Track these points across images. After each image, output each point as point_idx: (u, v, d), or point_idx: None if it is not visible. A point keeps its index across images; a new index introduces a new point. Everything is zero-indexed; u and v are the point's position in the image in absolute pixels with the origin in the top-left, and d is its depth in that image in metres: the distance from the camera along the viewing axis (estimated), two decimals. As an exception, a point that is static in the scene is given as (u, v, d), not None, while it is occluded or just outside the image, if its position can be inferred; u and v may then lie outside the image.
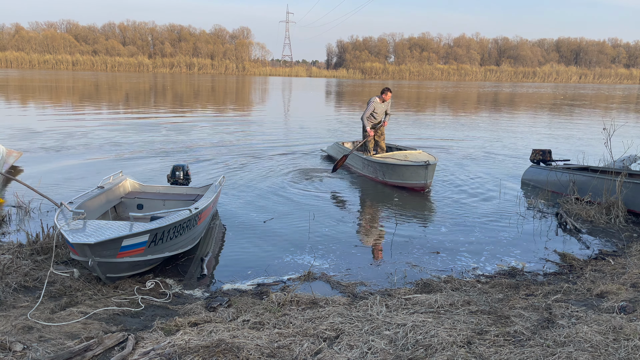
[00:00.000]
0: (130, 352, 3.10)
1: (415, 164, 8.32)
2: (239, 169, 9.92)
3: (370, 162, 9.25)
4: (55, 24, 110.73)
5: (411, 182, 8.47)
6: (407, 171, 8.44)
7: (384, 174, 8.90)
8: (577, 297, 4.15)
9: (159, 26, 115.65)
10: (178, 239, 4.86)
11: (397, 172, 8.61)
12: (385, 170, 8.81)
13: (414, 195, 8.26)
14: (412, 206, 7.68)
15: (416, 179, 8.37)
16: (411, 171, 8.37)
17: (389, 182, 8.88)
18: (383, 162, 8.82)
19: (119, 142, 12.76)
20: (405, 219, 6.99)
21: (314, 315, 3.67)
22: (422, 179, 8.31)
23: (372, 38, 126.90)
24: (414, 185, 8.47)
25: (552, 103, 37.00)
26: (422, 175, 8.27)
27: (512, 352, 2.98)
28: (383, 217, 7.18)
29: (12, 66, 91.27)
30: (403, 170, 8.49)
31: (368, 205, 7.92)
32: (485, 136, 16.14)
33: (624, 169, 7.77)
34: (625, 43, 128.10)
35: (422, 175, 8.27)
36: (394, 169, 8.64)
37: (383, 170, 8.87)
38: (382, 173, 8.92)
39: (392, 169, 8.67)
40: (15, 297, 4.00)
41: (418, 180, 8.37)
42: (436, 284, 4.57)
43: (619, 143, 9.04)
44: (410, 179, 8.46)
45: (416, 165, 8.27)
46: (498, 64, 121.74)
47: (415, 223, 6.82)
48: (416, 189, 8.48)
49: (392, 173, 8.71)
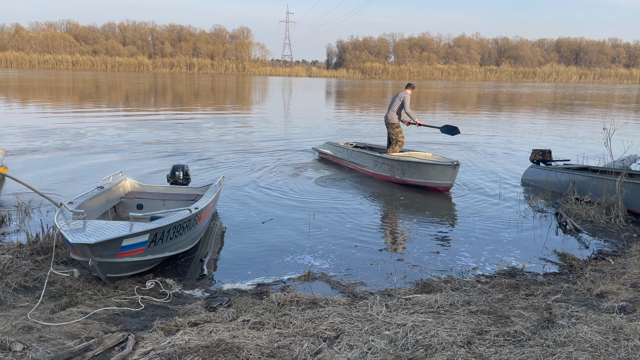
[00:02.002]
0: (130, 352, 3.10)
1: (443, 163, 8.10)
2: (239, 169, 9.92)
3: (386, 160, 8.96)
4: (55, 24, 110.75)
5: (436, 181, 8.24)
6: (433, 170, 8.19)
7: (403, 172, 8.60)
8: (577, 297, 4.15)
9: (159, 26, 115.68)
10: (178, 239, 4.86)
11: (421, 171, 8.34)
12: (407, 168, 8.52)
13: (414, 196, 8.26)
14: (412, 206, 7.68)
15: (442, 178, 8.16)
16: (438, 170, 8.14)
17: (408, 181, 8.62)
18: (405, 160, 8.52)
19: (119, 142, 12.76)
20: (406, 219, 6.99)
21: (314, 315, 3.67)
22: (449, 179, 8.12)
23: (372, 38, 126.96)
24: (439, 186, 8.25)
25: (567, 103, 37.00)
26: (450, 175, 8.07)
27: (512, 352, 2.98)
28: (383, 217, 7.18)
29: (12, 66, 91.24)
30: (429, 169, 8.23)
31: (368, 205, 7.91)
32: (485, 136, 16.14)
33: (624, 169, 7.77)
34: (625, 43, 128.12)
35: (449, 175, 8.07)
36: (417, 168, 8.37)
37: (403, 168, 8.57)
38: (402, 172, 8.63)
39: (416, 168, 8.38)
40: (15, 297, 3.99)
41: (444, 180, 8.16)
42: (436, 284, 4.57)
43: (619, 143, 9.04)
44: (436, 179, 8.23)
45: (444, 165, 8.05)
46: (498, 64, 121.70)
47: (415, 223, 6.82)
48: (440, 189, 8.29)
49: (415, 172, 8.43)
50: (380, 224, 6.84)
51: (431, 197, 8.19)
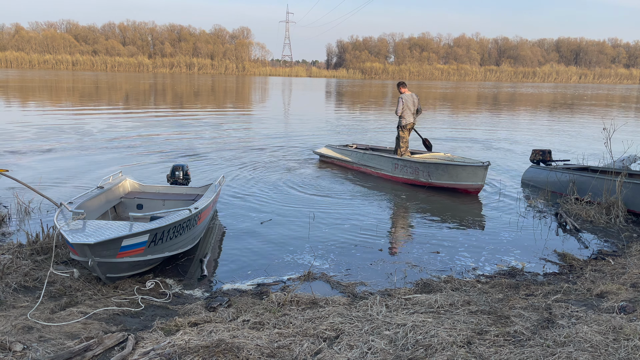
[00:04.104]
0: (130, 352, 3.10)
1: (473, 164, 7.96)
2: (239, 169, 9.92)
3: (410, 163, 8.72)
4: (55, 24, 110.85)
5: (467, 183, 8.10)
6: (463, 172, 8.03)
7: (429, 175, 8.41)
8: (577, 297, 4.15)
9: (159, 26, 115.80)
10: (178, 239, 4.86)
11: (450, 172, 8.16)
12: (433, 171, 8.34)
13: (415, 195, 8.26)
14: (412, 206, 7.68)
15: (474, 180, 8.02)
16: (468, 172, 7.98)
17: (435, 183, 8.44)
18: (432, 163, 8.34)
19: (118, 142, 12.76)
20: (406, 219, 6.99)
21: (314, 315, 3.67)
22: (480, 180, 7.99)
23: (372, 38, 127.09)
24: (470, 187, 8.12)
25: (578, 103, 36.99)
26: (481, 176, 7.94)
27: (512, 352, 2.98)
28: (383, 217, 7.17)
29: (12, 66, 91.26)
30: (459, 170, 8.07)
31: (368, 205, 7.91)
32: (485, 136, 16.14)
33: (624, 169, 7.77)
34: (625, 43, 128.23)
35: (480, 176, 7.94)
36: (446, 170, 8.19)
37: (430, 171, 8.38)
38: (428, 174, 8.43)
39: (444, 170, 8.20)
40: (15, 297, 3.99)
41: (475, 182, 8.03)
42: (436, 284, 4.57)
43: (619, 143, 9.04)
44: (466, 180, 8.08)
45: (475, 166, 7.90)
46: (498, 64, 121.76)
47: (416, 223, 6.82)
48: (470, 190, 8.16)
49: (443, 174, 8.25)
50: (380, 224, 6.84)
51: (431, 197, 8.18)
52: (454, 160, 8.46)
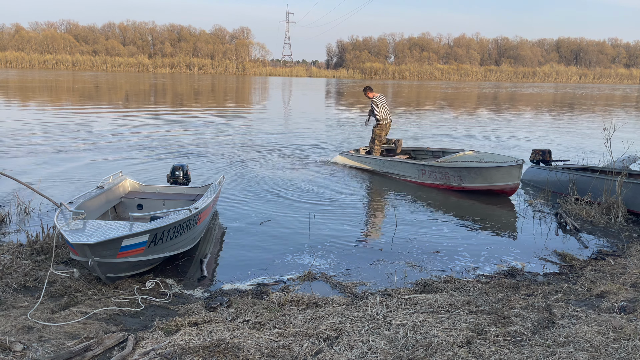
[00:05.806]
0: (130, 352, 3.10)
1: (507, 164, 7.80)
2: (239, 169, 9.91)
3: (436, 168, 8.57)
4: (55, 24, 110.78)
5: (503, 184, 7.93)
6: (497, 173, 7.89)
7: (461, 179, 8.25)
8: (577, 297, 4.15)
9: (159, 26, 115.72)
10: (178, 239, 4.86)
11: (484, 175, 8.00)
12: (465, 174, 8.18)
13: (415, 195, 8.26)
14: (412, 206, 7.68)
15: (509, 179, 7.86)
16: (503, 172, 7.84)
17: (469, 187, 8.27)
18: (463, 167, 8.18)
19: (118, 142, 12.76)
20: (405, 219, 6.99)
21: (314, 315, 3.67)
22: (515, 179, 7.83)
23: (372, 38, 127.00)
24: (505, 187, 7.97)
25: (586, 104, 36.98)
26: (517, 175, 7.80)
27: (512, 352, 2.98)
28: (383, 216, 7.18)
29: (12, 66, 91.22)
30: (492, 172, 7.92)
31: (368, 205, 7.91)
32: (485, 135, 16.13)
33: (624, 169, 7.77)
34: (625, 43, 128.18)
35: (516, 175, 7.80)
36: (479, 173, 8.02)
37: (461, 175, 8.22)
38: (460, 178, 8.28)
39: (477, 173, 8.04)
40: (15, 297, 3.99)
41: (511, 181, 7.86)
42: (436, 284, 4.57)
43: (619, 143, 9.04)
44: (501, 181, 7.92)
45: (509, 166, 7.76)
46: (498, 64, 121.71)
47: (415, 223, 6.81)
48: (506, 191, 8.02)
49: (477, 177, 8.09)
50: (380, 224, 6.84)
51: (431, 197, 8.18)
52: (484, 160, 8.30)
